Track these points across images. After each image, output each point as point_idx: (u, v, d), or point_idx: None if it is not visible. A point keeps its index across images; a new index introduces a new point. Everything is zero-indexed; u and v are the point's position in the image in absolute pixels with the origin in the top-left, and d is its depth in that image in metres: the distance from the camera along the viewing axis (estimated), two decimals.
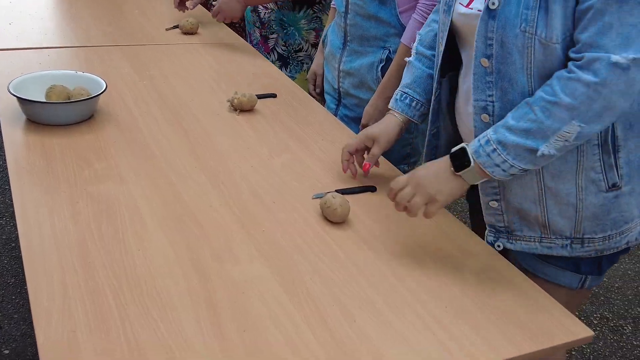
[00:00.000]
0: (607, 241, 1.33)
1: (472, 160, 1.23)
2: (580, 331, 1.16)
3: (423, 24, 1.74)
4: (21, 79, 1.77)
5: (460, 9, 1.34)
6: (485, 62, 1.26)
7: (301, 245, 1.31)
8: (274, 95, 2.02)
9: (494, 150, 1.20)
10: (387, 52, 1.90)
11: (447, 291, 1.22)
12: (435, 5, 1.71)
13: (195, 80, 2.10)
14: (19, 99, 1.69)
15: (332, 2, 2.10)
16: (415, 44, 1.58)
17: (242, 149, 1.68)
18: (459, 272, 1.28)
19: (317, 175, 1.59)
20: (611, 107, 1.14)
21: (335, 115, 2.10)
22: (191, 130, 1.75)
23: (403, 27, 1.85)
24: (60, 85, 1.76)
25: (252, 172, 1.57)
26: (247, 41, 2.61)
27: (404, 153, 1.99)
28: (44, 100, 1.73)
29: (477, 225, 1.54)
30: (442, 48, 1.41)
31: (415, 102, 1.53)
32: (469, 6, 1.32)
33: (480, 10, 1.27)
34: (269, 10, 2.48)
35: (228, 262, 1.24)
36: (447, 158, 1.28)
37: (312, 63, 2.35)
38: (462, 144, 1.26)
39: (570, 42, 1.18)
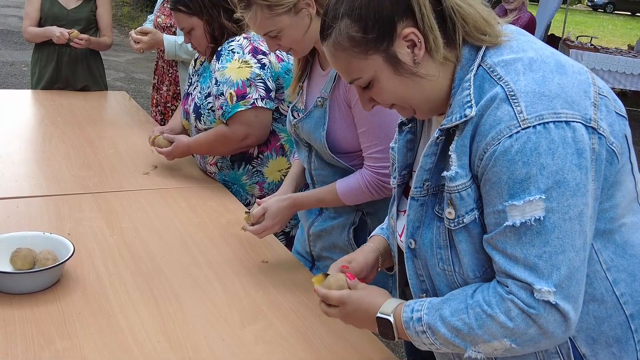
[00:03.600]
0: None
1: (395, 333, 1.19)
2: None
3: (363, 190, 1.74)
4: None
5: (397, 238, 1.32)
6: (423, 296, 1.25)
7: None
8: None
9: (424, 332, 1.15)
10: (360, 213, 1.87)
11: None
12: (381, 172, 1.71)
13: (168, 232, 2.06)
14: None
15: (294, 156, 2.10)
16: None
17: (213, 317, 1.62)
18: None
19: (292, 348, 1.52)
20: (549, 336, 1.07)
21: None
22: (161, 297, 1.68)
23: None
24: (27, 248, 1.71)
25: (223, 347, 1.50)
26: None
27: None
28: (8, 263, 1.68)
29: None
30: (396, 268, 1.40)
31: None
32: (401, 238, 1.29)
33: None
34: (213, 173, 2.54)
35: None
36: (377, 308, 1.22)
37: None
38: (389, 317, 1.20)
39: (490, 274, 1.14)
